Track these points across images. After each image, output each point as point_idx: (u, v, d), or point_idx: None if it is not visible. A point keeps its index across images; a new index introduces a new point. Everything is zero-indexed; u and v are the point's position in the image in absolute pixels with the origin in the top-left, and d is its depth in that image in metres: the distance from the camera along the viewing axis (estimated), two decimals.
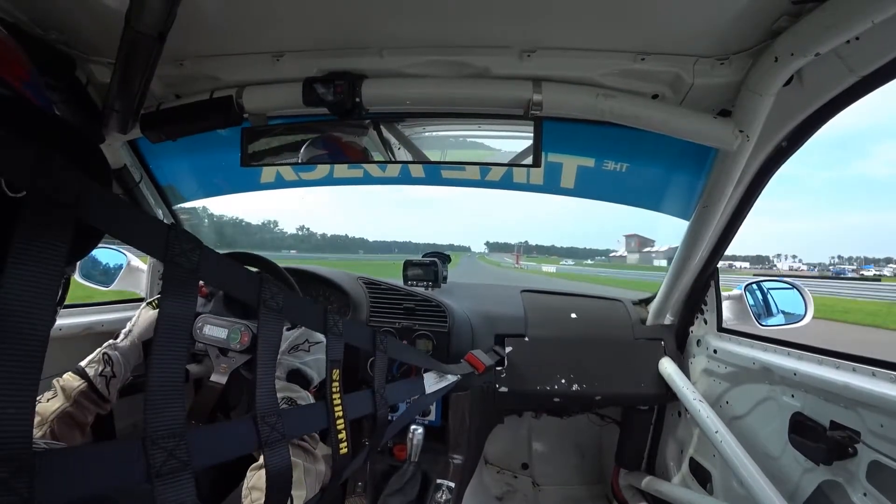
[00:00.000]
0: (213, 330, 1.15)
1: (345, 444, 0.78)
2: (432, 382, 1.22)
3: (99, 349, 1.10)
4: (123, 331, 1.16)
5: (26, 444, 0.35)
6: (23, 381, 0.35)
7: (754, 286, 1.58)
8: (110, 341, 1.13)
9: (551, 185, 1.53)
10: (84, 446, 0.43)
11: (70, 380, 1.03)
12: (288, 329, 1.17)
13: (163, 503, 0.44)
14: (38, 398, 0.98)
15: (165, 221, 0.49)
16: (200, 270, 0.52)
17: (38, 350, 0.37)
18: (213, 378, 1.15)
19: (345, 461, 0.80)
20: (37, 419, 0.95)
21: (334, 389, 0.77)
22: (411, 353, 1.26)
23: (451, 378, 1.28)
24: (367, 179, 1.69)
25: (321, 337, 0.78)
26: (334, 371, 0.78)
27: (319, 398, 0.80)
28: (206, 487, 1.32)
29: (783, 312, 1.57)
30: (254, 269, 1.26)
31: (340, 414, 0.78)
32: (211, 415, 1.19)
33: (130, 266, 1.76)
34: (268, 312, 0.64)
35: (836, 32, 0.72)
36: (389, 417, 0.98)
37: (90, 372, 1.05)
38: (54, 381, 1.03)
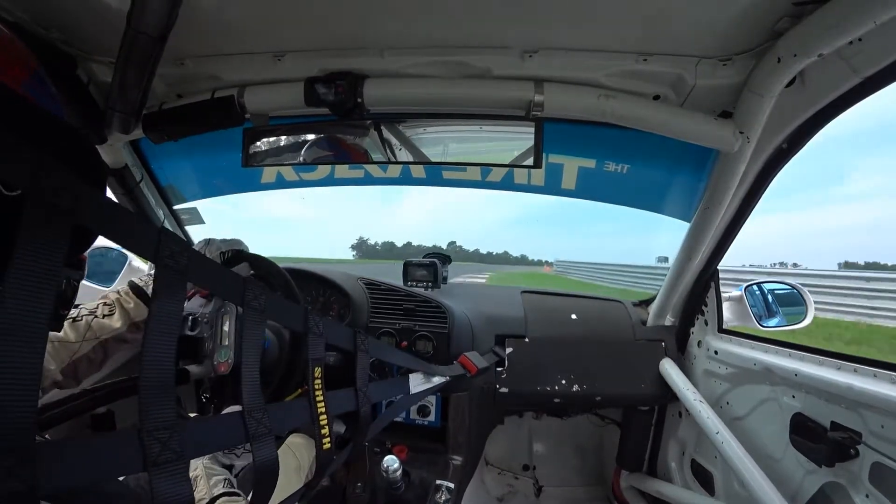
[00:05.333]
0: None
1: (327, 439, 0.81)
2: (418, 383, 1.24)
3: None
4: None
5: (29, 435, 0.37)
6: (25, 375, 0.38)
7: (754, 287, 1.58)
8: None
9: (552, 187, 1.52)
10: (84, 437, 0.45)
11: (137, 307, 1.02)
12: None
13: (159, 492, 0.47)
14: (92, 309, 0.98)
15: (166, 222, 0.51)
16: (189, 272, 0.54)
17: (40, 345, 0.39)
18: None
19: (328, 456, 0.83)
20: (90, 334, 0.95)
21: (316, 386, 0.81)
22: (394, 353, 1.29)
23: (438, 380, 1.29)
24: (368, 180, 1.69)
25: None
26: (316, 368, 0.82)
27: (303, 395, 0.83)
28: None
29: (783, 313, 1.57)
30: (247, 272, 1.27)
31: (323, 410, 0.81)
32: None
33: (132, 266, 1.76)
34: (251, 313, 0.67)
35: (839, 33, 0.72)
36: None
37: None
38: (112, 298, 1.02)
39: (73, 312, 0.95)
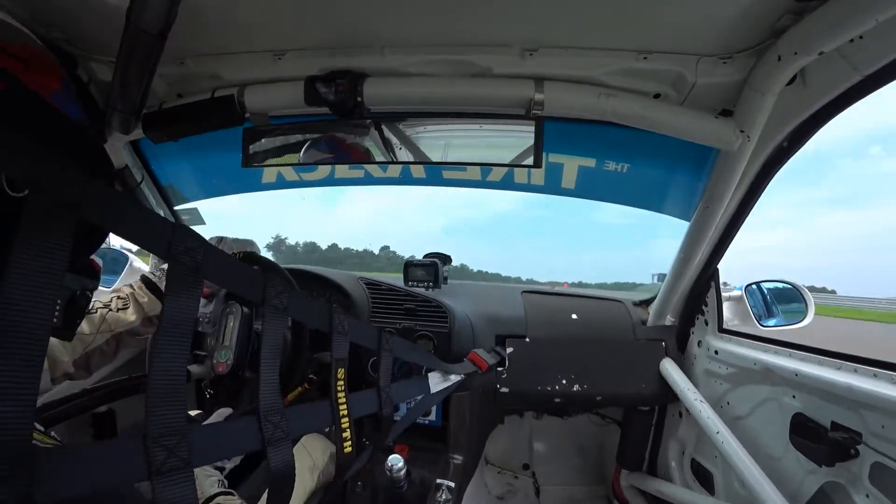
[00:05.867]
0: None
1: (349, 443, 0.78)
2: (437, 382, 1.23)
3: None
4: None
5: (26, 443, 0.35)
6: (23, 379, 0.36)
7: (754, 287, 1.58)
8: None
9: (552, 186, 1.52)
10: (85, 444, 0.43)
11: (151, 302, 1.02)
12: None
13: (163, 501, 0.44)
14: (106, 302, 0.99)
15: None
16: (204, 269, 0.51)
17: (39, 348, 0.37)
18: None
19: (349, 460, 0.80)
20: (104, 326, 0.96)
21: (339, 388, 0.78)
22: (417, 352, 1.27)
23: (455, 378, 1.28)
24: (368, 180, 1.69)
25: None
26: (339, 370, 0.78)
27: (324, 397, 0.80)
28: None
29: (783, 313, 1.57)
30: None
31: (345, 413, 0.78)
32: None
33: (133, 267, 1.76)
34: (272, 311, 0.64)
35: (840, 31, 0.72)
36: (396, 417, 0.98)
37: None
38: (126, 292, 1.02)
39: None
